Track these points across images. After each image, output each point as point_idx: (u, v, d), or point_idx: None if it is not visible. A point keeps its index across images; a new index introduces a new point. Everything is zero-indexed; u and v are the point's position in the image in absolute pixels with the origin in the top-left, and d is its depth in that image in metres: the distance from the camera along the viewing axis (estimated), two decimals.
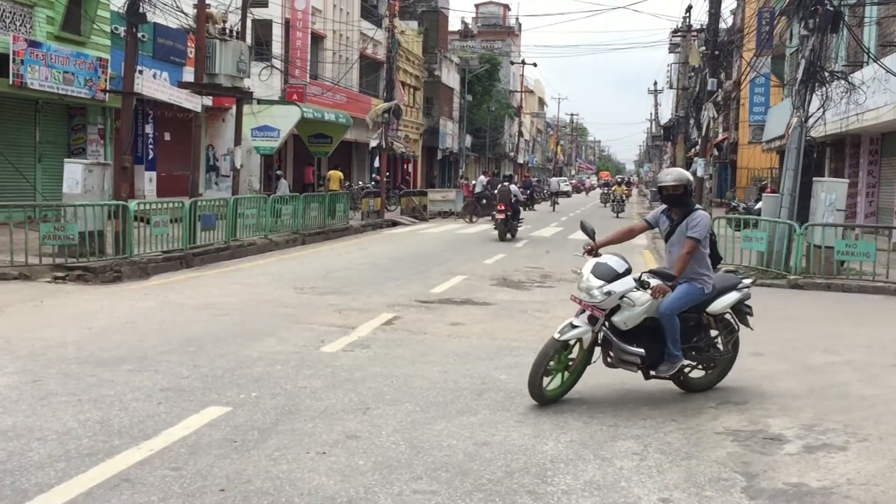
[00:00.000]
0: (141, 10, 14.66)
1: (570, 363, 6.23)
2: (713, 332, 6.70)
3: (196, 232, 15.24)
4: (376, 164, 33.60)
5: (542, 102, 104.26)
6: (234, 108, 19.91)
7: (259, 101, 24.15)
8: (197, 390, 6.26)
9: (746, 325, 6.84)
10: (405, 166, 46.64)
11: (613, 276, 6.06)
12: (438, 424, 5.62)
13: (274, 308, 10.14)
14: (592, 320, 6.15)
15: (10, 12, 17.40)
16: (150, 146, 23.03)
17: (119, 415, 5.60)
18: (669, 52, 60.47)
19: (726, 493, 4.61)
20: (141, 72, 17.66)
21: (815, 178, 15.03)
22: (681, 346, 6.30)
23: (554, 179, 60.93)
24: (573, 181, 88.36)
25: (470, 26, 75.76)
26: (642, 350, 6.16)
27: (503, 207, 22.53)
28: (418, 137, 48.64)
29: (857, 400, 6.61)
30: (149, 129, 22.96)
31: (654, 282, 6.15)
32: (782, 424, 5.86)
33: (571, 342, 6.16)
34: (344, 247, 19.42)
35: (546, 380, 6.09)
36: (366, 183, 34.91)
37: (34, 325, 8.61)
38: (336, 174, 30.83)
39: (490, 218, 28.42)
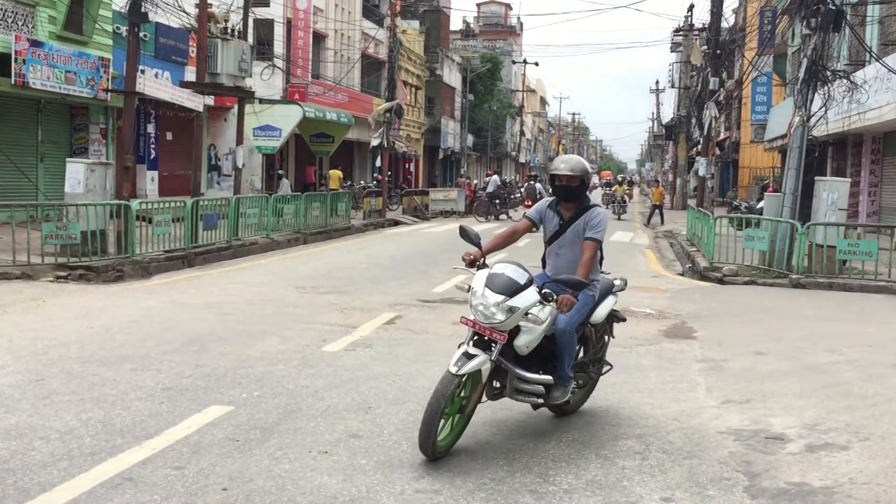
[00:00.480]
0: (143, 10, 14.68)
1: (465, 403, 5.02)
2: (590, 345, 5.85)
3: (198, 231, 15.26)
4: (378, 163, 33.62)
5: (543, 102, 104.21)
6: (236, 107, 19.94)
7: (261, 101, 24.19)
8: (199, 389, 6.27)
9: (611, 333, 6.12)
10: (407, 165, 46.63)
11: (515, 290, 4.95)
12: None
13: (276, 307, 10.15)
14: (484, 345, 4.97)
15: (13, 12, 17.41)
16: (152, 146, 23.05)
17: (121, 414, 5.61)
18: (671, 52, 60.39)
19: (728, 492, 4.61)
20: (143, 71, 17.66)
21: (817, 178, 15.00)
22: None
23: None
24: None
25: (471, 26, 75.82)
26: (549, 377, 5.19)
27: (530, 203, 26.64)
28: (420, 137, 48.65)
29: (859, 399, 6.60)
30: (151, 128, 22.98)
31: (550, 291, 5.12)
32: (784, 424, 5.86)
33: (466, 378, 4.92)
34: (346, 246, 19.42)
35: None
36: (367, 182, 34.93)
37: (36, 324, 8.62)
38: (336, 173, 30.88)
39: (494, 217, 29.24)
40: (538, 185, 28.57)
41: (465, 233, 5.49)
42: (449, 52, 55.34)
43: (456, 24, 69.17)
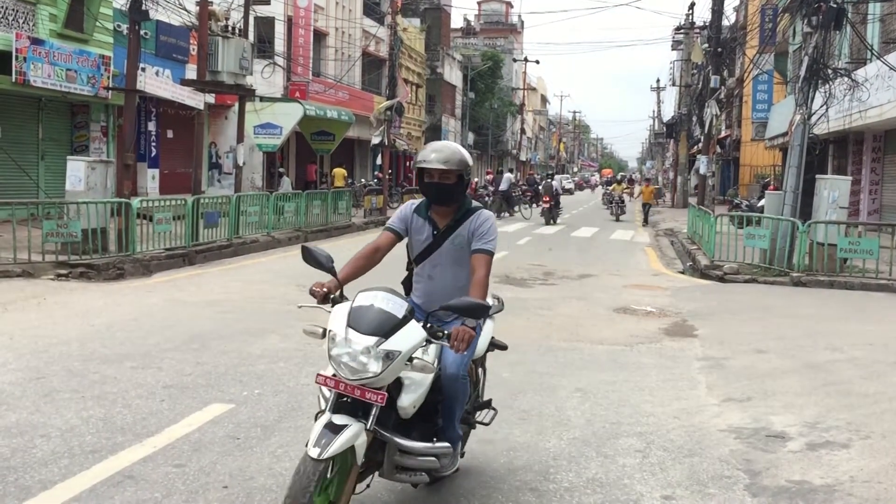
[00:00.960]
0: (143, 8, 14.67)
1: (336, 498, 3.47)
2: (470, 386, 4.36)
3: (199, 229, 15.27)
4: (378, 161, 33.64)
5: (544, 100, 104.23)
6: (237, 105, 19.93)
7: (262, 99, 24.17)
8: (200, 387, 6.27)
9: (483, 366, 4.74)
10: (407, 164, 46.59)
11: (392, 326, 3.56)
12: None
13: (276, 305, 10.14)
14: (351, 410, 3.54)
15: (14, 10, 17.41)
16: (153, 144, 23.04)
17: (122, 412, 5.61)
18: (672, 50, 60.43)
19: (729, 490, 4.61)
20: (143, 69, 17.66)
21: (818, 176, 15.01)
22: None
23: (557, 177, 61.14)
24: (576, 178, 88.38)
25: (472, 23, 75.82)
26: (447, 445, 3.92)
27: (548, 199, 28.57)
28: (420, 135, 48.63)
29: (859, 397, 6.60)
30: (151, 126, 22.97)
31: (435, 325, 3.84)
32: (785, 422, 5.86)
33: (334, 461, 3.41)
34: (346, 244, 19.39)
35: None
36: (368, 180, 34.94)
37: (37, 322, 8.62)
38: (340, 172, 30.94)
39: (509, 215, 31.63)
40: (554, 183, 29.87)
41: (310, 255, 4.04)
42: (450, 50, 55.34)
43: (457, 21, 69.26)
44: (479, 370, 4.66)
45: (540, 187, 32.68)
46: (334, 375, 3.57)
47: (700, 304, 11.52)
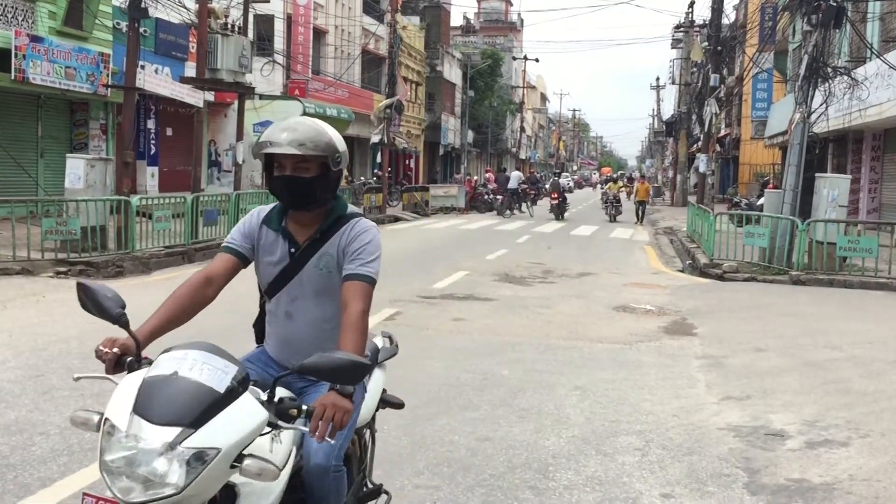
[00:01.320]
0: (143, 5, 14.68)
1: None
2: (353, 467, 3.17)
3: (198, 227, 15.27)
4: (378, 159, 33.65)
5: (544, 98, 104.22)
6: (236, 103, 19.95)
7: (261, 97, 24.20)
8: None
9: (372, 429, 3.49)
10: (407, 162, 46.60)
11: (206, 408, 2.27)
12: (440, 420, 5.62)
13: None
14: None
15: (13, 7, 17.39)
16: (153, 141, 23.02)
17: None
18: (672, 48, 60.43)
19: (728, 488, 4.61)
20: (143, 67, 17.66)
21: (817, 174, 15.01)
22: None
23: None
24: (576, 177, 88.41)
25: (472, 22, 75.81)
26: None
27: (556, 195, 29.98)
28: (420, 133, 48.63)
29: (859, 396, 6.60)
30: (151, 124, 22.95)
31: (289, 399, 2.82)
32: (784, 420, 5.86)
33: None
34: None
35: None
36: (367, 178, 34.94)
37: (36, 319, 8.62)
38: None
39: (511, 213, 32.25)
40: (562, 181, 31.01)
41: (87, 296, 2.73)
42: (449, 48, 55.31)
43: (456, 20, 69.32)
44: (367, 435, 3.36)
45: (547, 185, 34.09)
46: (113, 498, 2.20)
47: (699, 302, 11.52)
